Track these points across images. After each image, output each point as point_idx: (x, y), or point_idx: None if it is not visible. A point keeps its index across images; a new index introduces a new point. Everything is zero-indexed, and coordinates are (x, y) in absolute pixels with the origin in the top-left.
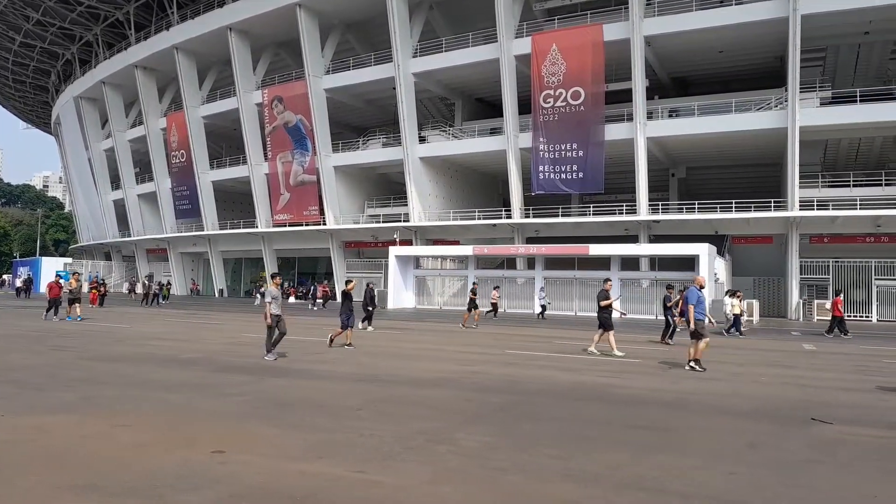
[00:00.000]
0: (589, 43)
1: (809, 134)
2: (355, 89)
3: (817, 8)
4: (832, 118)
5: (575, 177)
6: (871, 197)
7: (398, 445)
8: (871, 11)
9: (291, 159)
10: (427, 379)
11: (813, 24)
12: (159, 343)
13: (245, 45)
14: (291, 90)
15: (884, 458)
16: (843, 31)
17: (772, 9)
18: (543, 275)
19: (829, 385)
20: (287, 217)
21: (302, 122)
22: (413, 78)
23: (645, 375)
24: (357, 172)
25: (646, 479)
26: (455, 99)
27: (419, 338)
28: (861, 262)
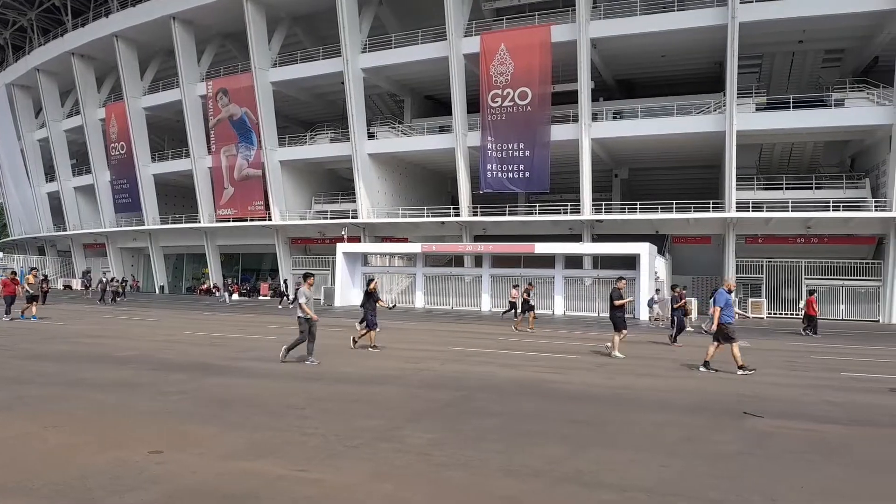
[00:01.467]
0: (537, 44)
1: (746, 138)
2: (303, 83)
3: (754, 16)
4: (767, 123)
5: (522, 176)
6: (802, 200)
7: (342, 444)
8: (804, 21)
9: (236, 153)
10: (373, 376)
11: (750, 32)
12: (94, 341)
13: (189, 35)
14: (237, 82)
15: (810, 450)
16: (779, 40)
17: (711, 16)
18: (490, 273)
19: (761, 380)
20: (231, 212)
21: (247, 116)
22: (362, 73)
23: (584, 371)
24: (304, 167)
25: (584, 473)
26: (404, 96)
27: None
28: (792, 261)
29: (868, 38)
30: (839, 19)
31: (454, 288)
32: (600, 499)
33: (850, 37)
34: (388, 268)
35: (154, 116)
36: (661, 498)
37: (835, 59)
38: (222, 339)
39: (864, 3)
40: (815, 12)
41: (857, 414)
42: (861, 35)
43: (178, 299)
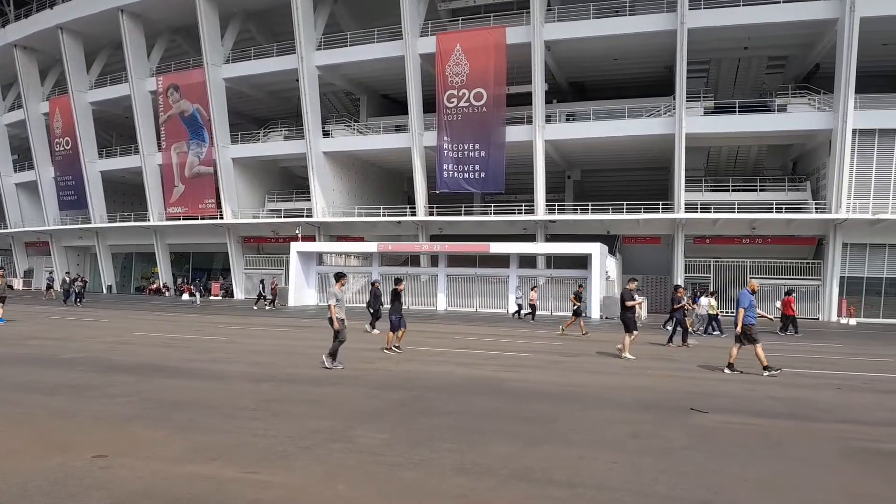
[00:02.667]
0: (492, 45)
1: (694, 141)
2: (256, 80)
3: (702, 23)
4: (714, 127)
5: (477, 176)
6: (747, 201)
7: (293, 445)
8: (749, 28)
9: (187, 150)
10: (325, 377)
11: (698, 38)
12: (41, 342)
13: (138, 28)
14: (188, 78)
15: (752, 444)
16: (725, 46)
17: (662, 21)
18: (446, 272)
19: (708, 377)
20: (181, 210)
21: (199, 112)
22: (317, 71)
23: (538, 369)
24: (257, 165)
25: (534, 471)
26: (360, 94)
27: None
28: (738, 261)
29: (809, 45)
30: (782, 27)
31: (410, 287)
32: (550, 496)
33: (793, 44)
34: (344, 267)
35: (101, 111)
36: (609, 493)
37: (778, 66)
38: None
39: (805, 12)
40: (759, 20)
41: (799, 409)
42: (802, 43)
43: (128, 299)
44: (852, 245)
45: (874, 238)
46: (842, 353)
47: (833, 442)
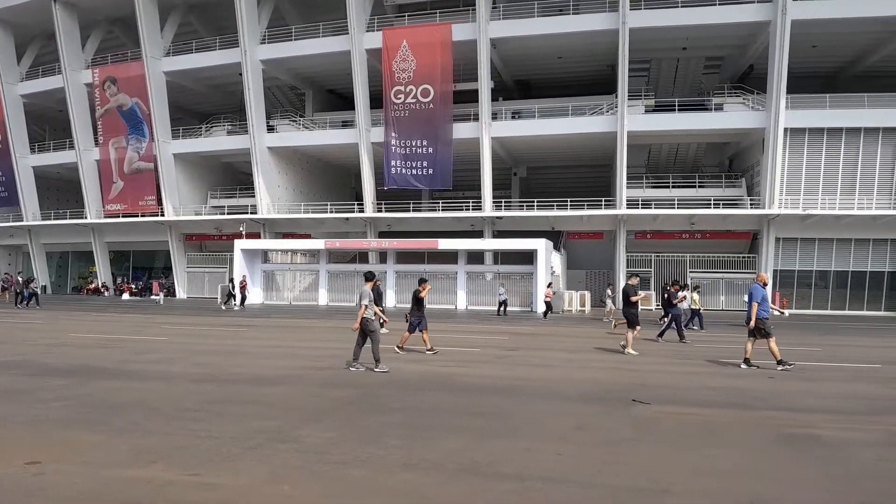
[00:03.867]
0: (438, 42)
1: (636, 138)
2: (198, 73)
3: (643, 23)
4: (655, 125)
5: (425, 173)
6: (686, 197)
7: (237, 446)
8: (688, 29)
9: (126, 145)
10: (270, 376)
11: (639, 38)
12: None
13: (72, 18)
14: (126, 71)
15: (692, 433)
16: (665, 46)
17: (604, 21)
18: (395, 269)
19: (650, 369)
20: (120, 207)
21: (138, 106)
22: (261, 65)
23: (486, 364)
24: (200, 161)
25: (482, 465)
26: (306, 89)
27: (265, 335)
28: (678, 256)
29: (744, 47)
30: (718, 29)
31: (359, 284)
32: (499, 489)
33: (728, 45)
34: (290, 265)
35: (33, 104)
36: (555, 485)
37: (715, 66)
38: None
39: (740, 14)
40: (696, 21)
41: (735, 398)
42: (737, 44)
43: (65, 300)
44: (784, 240)
45: (805, 233)
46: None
47: (768, 429)
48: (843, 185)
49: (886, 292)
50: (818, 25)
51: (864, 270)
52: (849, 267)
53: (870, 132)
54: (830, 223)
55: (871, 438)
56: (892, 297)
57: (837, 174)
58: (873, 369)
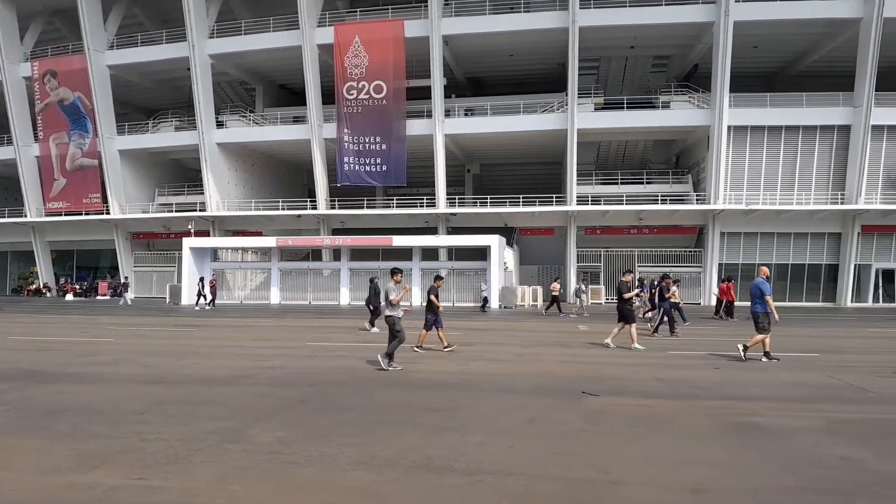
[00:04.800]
0: (390, 38)
1: (585, 136)
2: (144, 67)
3: (592, 21)
4: (604, 122)
5: (379, 169)
6: (635, 194)
7: (185, 448)
8: (636, 29)
9: (68, 141)
10: (220, 377)
11: (589, 36)
12: None
13: (10, 8)
14: (68, 64)
15: (639, 424)
16: (614, 45)
17: (554, 19)
18: (349, 266)
19: (598, 361)
20: (63, 205)
21: (80, 101)
22: (210, 59)
23: (439, 360)
24: (146, 157)
25: (434, 460)
26: (256, 84)
27: (215, 334)
28: (627, 251)
29: (689, 46)
30: (664, 28)
31: (312, 282)
32: (450, 483)
33: (674, 45)
34: (241, 263)
35: None
36: (507, 478)
37: (662, 65)
38: (55, 344)
39: (685, 15)
40: (644, 21)
41: (682, 389)
42: (683, 44)
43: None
44: (729, 234)
45: (748, 227)
46: (720, 335)
47: (713, 418)
48: (784, 181)
49: (824, 284)
50: (759, 27)
51: (804, 263)
52: (789, 260)
53: (808, 130)
54: (772, 218)
55: (810, 425)
56: (829, 289)
57: (778, 170)
58: (812, 358)
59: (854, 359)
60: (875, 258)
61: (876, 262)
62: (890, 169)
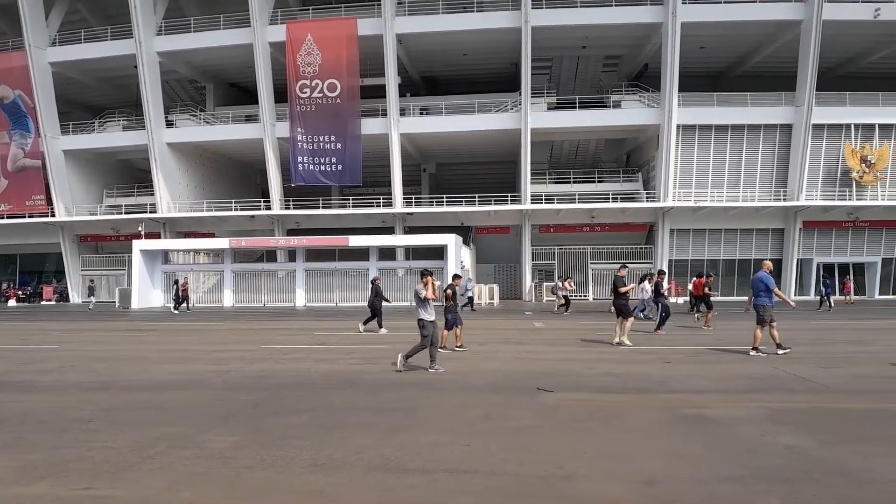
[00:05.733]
0: (343, 36)
1: (539, 135)
2: (89, 65)
3: (544, 21)
4: (557, 122)
5: (334, 169)
6: (587, 192)
7: (135, 455)
8: (587, 29)
9: (9, 141)
10: (171, 382)
11: (541, 36)
12: None
13: None
14: (7, 62)
15: (592, 419)
16: (566, 44)
17: (507, 19)
18: (305, 267)
19: (553, 357)
20: (5, 207)
21: (21, 99)
22: (158, 57)
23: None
24: (93, 158)
25: (390, 460)
26: (206, 83)
27: (166, 339)
28: (580, 248)
29: (639, 46)
30: (615, 29)
31: (266, 284)
32: (406, 483)
33: (625, 45)
34: (193, 265)
35: None
36: (462, 476)
37: (613, 65)
38: None
39: (634, 15)
40: (595, 21)
41: (633, 383)
42: (633, 44)
43: None
44: (678, 231)
45: (696, 224)
46: (669, 329)
47: (663, 411)
48: (730, 179)
49: None
50: (705, 28)
51: (750, 258)
52: (736, 255)
53: (752, 129)
54: (719, 214)
55: (755, 415)
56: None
57: (725, 168)
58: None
59: (798, 350)
60: (816, 253)
61: (817, 257)
62: (829, 166)
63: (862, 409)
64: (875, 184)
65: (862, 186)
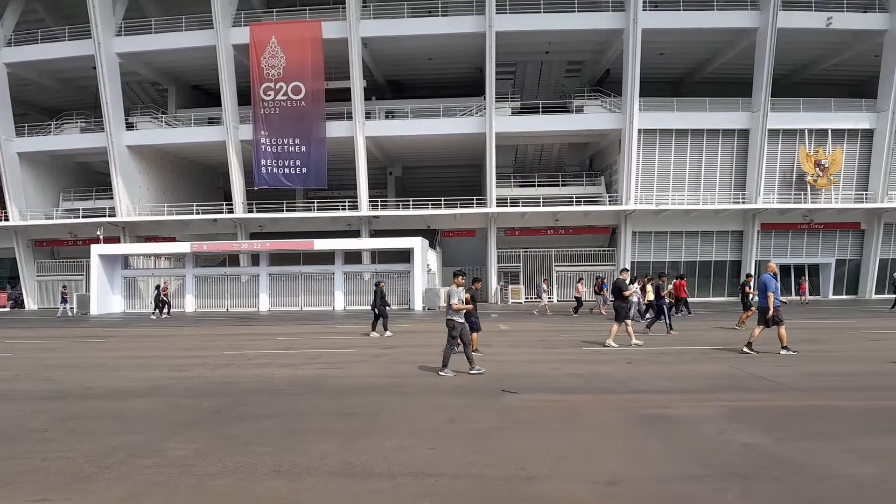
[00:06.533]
0: (308, 38)
1: (503, 139)
2: (46, 66)
3: (508, 27)
4: (521, 126)
5: (298, 172)
6: (551, 196)
7: (92, 465)
8: (550, 34)
9: None
10: (131, 389)
11: (505, 41)
12: None
13: None
14: None
15: (555, 419)
16: (530, 50)
17: (472, 24)
18: (268, 271)
19: (518, 359)
20: None
21: None
22: (117, 58)
23: (362, 364)
24: (49, 160)
25: (354, 465)
26: (168, 84)
27: (126, 345)
28: (544, 251)
29: (601, 52)
30: (577, 34)
31: (229, 289)
32: (370, 488)
33: (587, 50)
34: (154, 270)
35: None
36: (426, 479)
37: (576, 70)
38: None
39: (596, 21)
40: (558, 27)
41: (596, 383)
42: (595, 49)
43: None
44: (640, 233)
45: (658, 226)
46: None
47: (625, 411)
48: (691, 182)
49: (728, 279)
50: (665, 34)
51: (710, 260)
52: (696, 257)
53: (711, 133)
54: (680, 217)
55: (714, 414)
56: (733, 285)
57: (685, 172)
58: (717, 350)
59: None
60: (773, 254)
61: (774, 258)
62: (785, 170)
63: (816, 407)
64: (828, 187)
65: (816, 190)
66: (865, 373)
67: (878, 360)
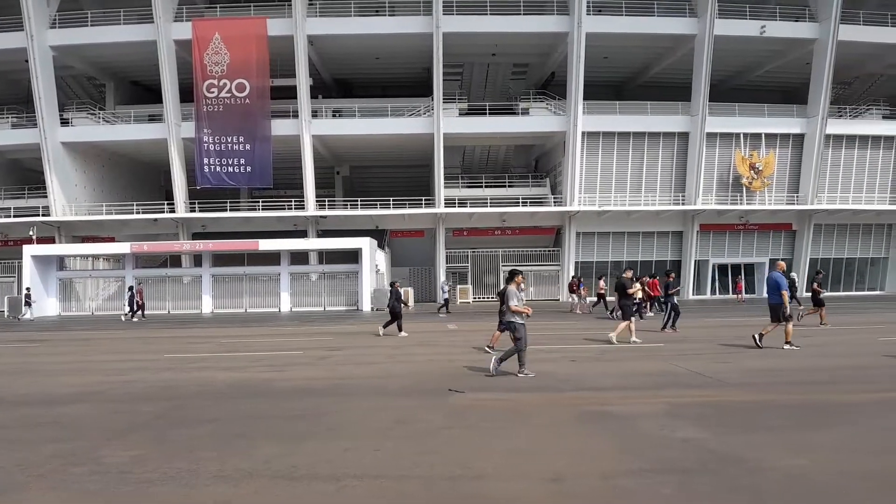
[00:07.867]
0: (252, 35)
1: (451, 140)
2: None
3: (455, 28)
4: (468, 127)
5: (243, 170)
6: (498, 196)
7: (23, 474)
8: (496, 36)
9: None
10: (66, 395)
11: (453, 42)
12: None
13: None
14: None
15: (502, 418)
16: (477, 51)
17: (419, 24)
18: (212, 272)
19: (459, 358)
20: None
21: None
22: (51, 52)
23: (307, 366)
24: None
25: (299, 468)
26: (106, 80)
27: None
28: (491, 251)
29: (546, 55)
30: (523, 37)
31: (171, 290)
32: (315, 491)
33: (533, 53)
34: (91, 272)
35: None
36: (371, 481)
37: (521, 73)
38: None
39: (541, 25)
40: (504, 29)
41: (542, 382)
42: (541, 52)
43: None
44: (584, 234)
45: (601, 227)
46: (576, 329)
47: (571, 409)
48: (633, 184)
49: None
50: (608, 39)
51: (651, 260)
52: (638, 257)
53: (653, 136)
54: (622, 218)
55: (655, 410)
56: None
57: (627, 174)
58: (658, 348)
59: (693, 347)
60: (712, 254)
61: (713, 258)
62: (722, 172)
63: (753, 402)
64: (762, 189)
65: (751, 192)
66: (797, 368)
67: (809, 356)
